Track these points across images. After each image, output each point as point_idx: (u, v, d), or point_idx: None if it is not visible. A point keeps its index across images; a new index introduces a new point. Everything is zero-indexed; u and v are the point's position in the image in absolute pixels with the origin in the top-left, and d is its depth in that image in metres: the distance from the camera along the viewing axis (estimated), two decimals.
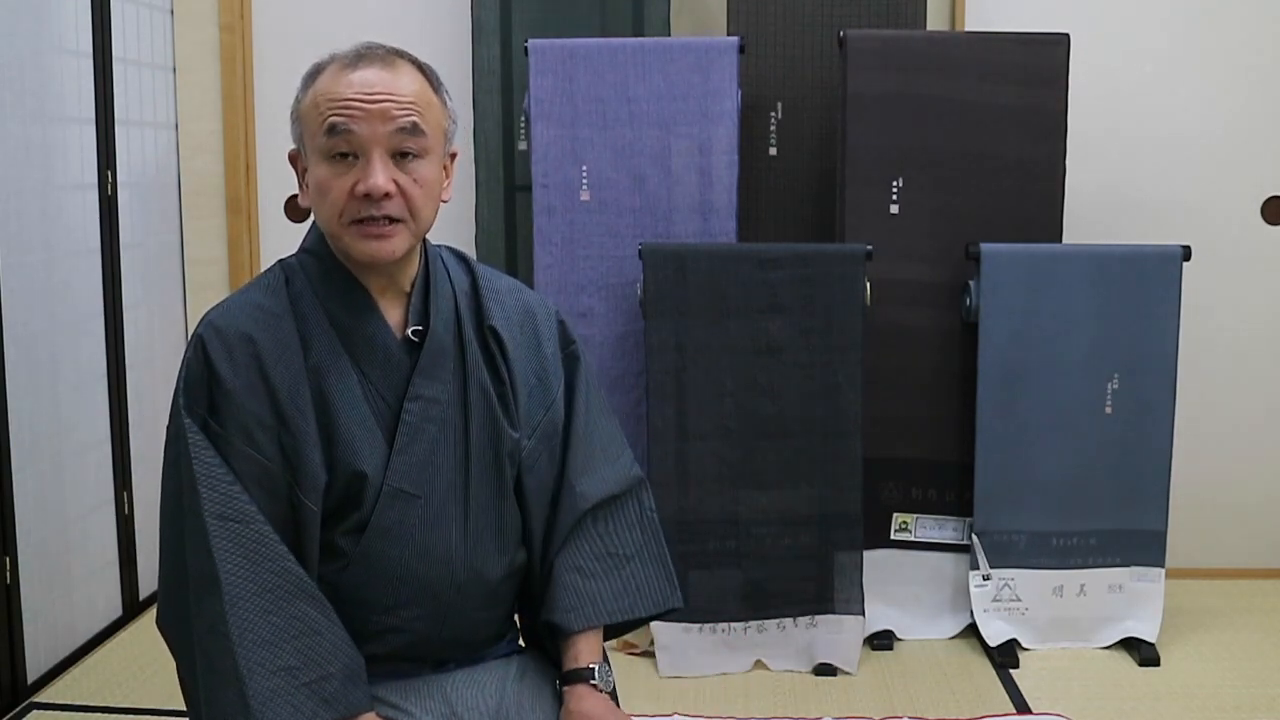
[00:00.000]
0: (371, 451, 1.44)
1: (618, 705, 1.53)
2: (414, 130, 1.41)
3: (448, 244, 1.62)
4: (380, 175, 1.39)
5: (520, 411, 1.54)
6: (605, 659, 1.55)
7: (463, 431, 1.50)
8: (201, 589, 1.36)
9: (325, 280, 1.47)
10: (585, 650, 1.53)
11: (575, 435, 1.59)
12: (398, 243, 1.43)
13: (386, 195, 1.40)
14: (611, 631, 1.60)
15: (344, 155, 1.40)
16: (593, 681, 1.50)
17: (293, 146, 1.49)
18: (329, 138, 1.39)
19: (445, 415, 1.48)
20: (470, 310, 1.54)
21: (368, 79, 1.40)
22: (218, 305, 1.47)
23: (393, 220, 1.41)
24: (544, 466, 1.57)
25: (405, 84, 1.42)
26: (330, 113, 1.39)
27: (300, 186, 1.49)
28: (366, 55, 1.43)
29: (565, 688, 1.51)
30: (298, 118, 1.45)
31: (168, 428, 1.43)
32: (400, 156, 1.41)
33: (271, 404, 1.40)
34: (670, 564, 1.63)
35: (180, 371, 1.42)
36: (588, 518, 1.58)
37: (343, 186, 1.40)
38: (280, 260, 1.52)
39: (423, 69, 1.47)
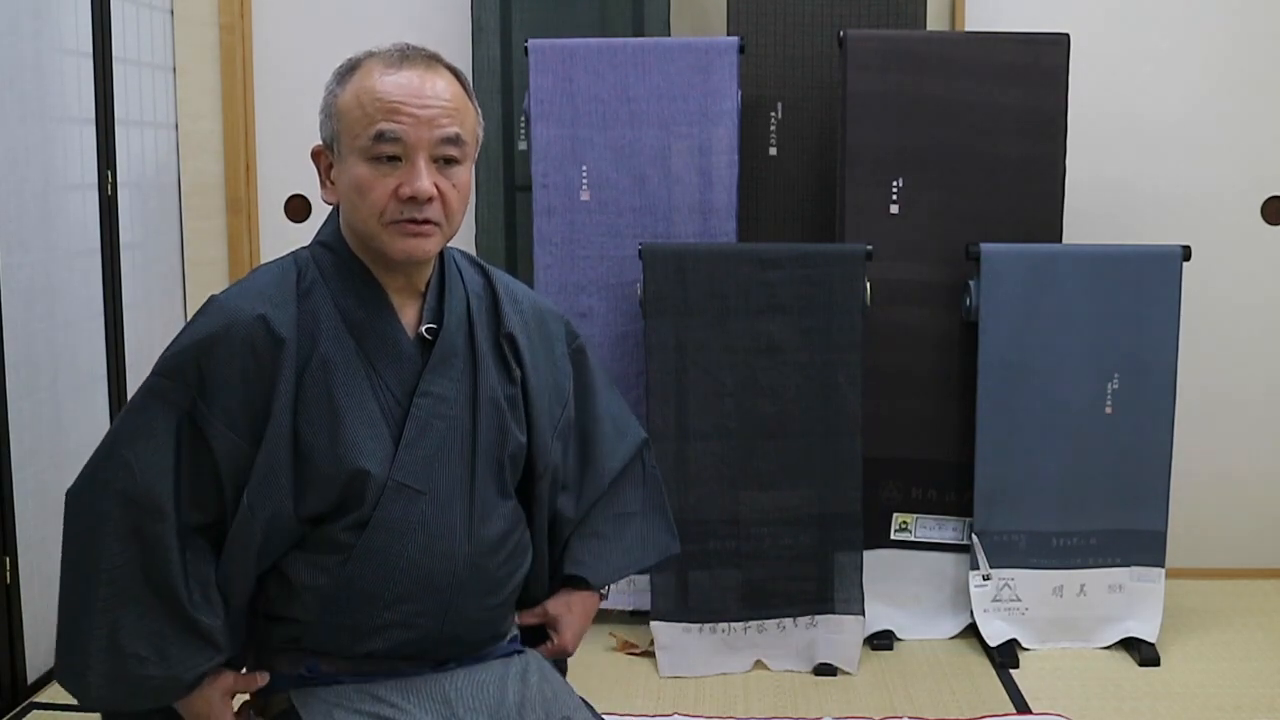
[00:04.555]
0: (376, 447, 1.45)
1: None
2: (456, 140, 1.44)
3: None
4: (426, 179, 1.42)
5: (536, 415, 1.58)
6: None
7: (470, 431, 1.51)
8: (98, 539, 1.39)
9: (340, 274, 1.48)
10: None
11: (595, 422, 1.69)
12: (433, 243, 1.46)
13: (429, 199, 1.42)
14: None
15: (388, 158, 1.42)
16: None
17: (317, 143, 1.50)
18: (376, 142, 1.41)
19: (453, 413, 1.50)
20: (484, 314, 1.57)
21: (414, 83, 1.42)
22: (227, 288, 1.49)
23: (431, 222, 1.44)
24: (558, 461, 1.64)
25: (447, 90, 1.44)
26: (380, 117, 1.41)
27: (323, 182, 1.50)
28: (411, 56, 1.45)
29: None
30: (333, 113, 1.46)
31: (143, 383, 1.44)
32: (440, 162, 1.44)
33: (260, 392, 1.41)
34: (669, 513, 1.78)
35: (178, 337, 1.44)
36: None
37: (386, 187, 1.42)
38: (294, 251, 1.53)
39: (458, 75, 1.49)
